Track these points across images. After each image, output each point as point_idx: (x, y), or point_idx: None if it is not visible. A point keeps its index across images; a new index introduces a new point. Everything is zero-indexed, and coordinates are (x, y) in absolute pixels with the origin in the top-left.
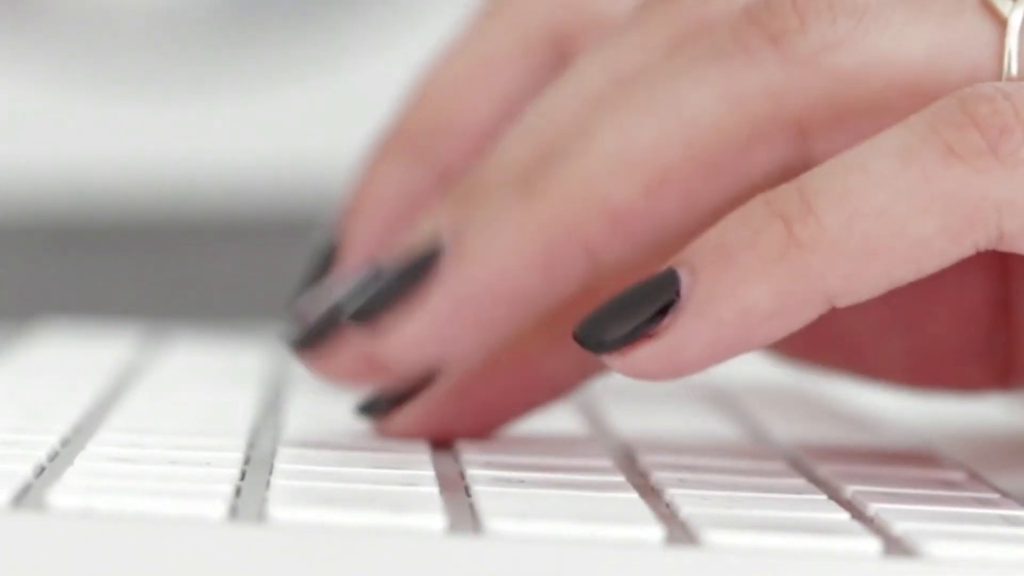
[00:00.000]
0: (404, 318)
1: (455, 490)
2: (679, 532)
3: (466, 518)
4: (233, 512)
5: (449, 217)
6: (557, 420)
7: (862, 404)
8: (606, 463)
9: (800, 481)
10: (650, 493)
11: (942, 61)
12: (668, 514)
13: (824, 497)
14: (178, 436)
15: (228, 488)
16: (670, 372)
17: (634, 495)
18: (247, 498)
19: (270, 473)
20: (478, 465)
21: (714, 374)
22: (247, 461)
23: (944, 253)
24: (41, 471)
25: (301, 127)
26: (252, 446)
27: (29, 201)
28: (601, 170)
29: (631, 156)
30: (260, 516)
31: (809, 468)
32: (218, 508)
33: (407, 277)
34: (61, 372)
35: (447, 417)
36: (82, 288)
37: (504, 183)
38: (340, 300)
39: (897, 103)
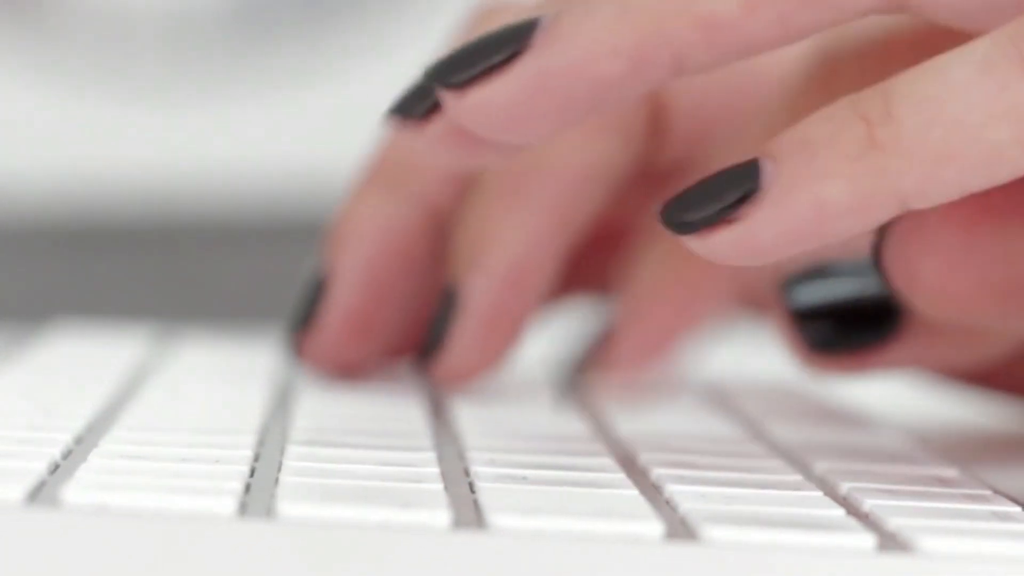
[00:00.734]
0: (490, 82)
1: (460, 486)
2: (679, 528)
3: (470, 514)
4: (243, 508)
5: (552, 5)
6: (559, 419)
7: (857, 403)
8: (607, 460)
9: (797, 478)
10: (650, 490)
11: None
12: (668, 510)
13: (820, 494)
14: (189, 434)
15: (238, 485)
16: (745, 257)
17: (635, 492)
18: (256, 494)
19: (279, 470)
20: (482, 462)
21: (714, 374)
22: (256, 458)
23: (1017, 162)
24: (55, 468)
25: (309, 132)
26: (261, 443)
27: (44, 205)
28: None
29: None
30: (269, 512)
31: (806, 466)
32: (228, 504)
33: (500, 43)
34: (75, 371)
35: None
36: (95, 290)
37: None
38: (432, 64)
39: None
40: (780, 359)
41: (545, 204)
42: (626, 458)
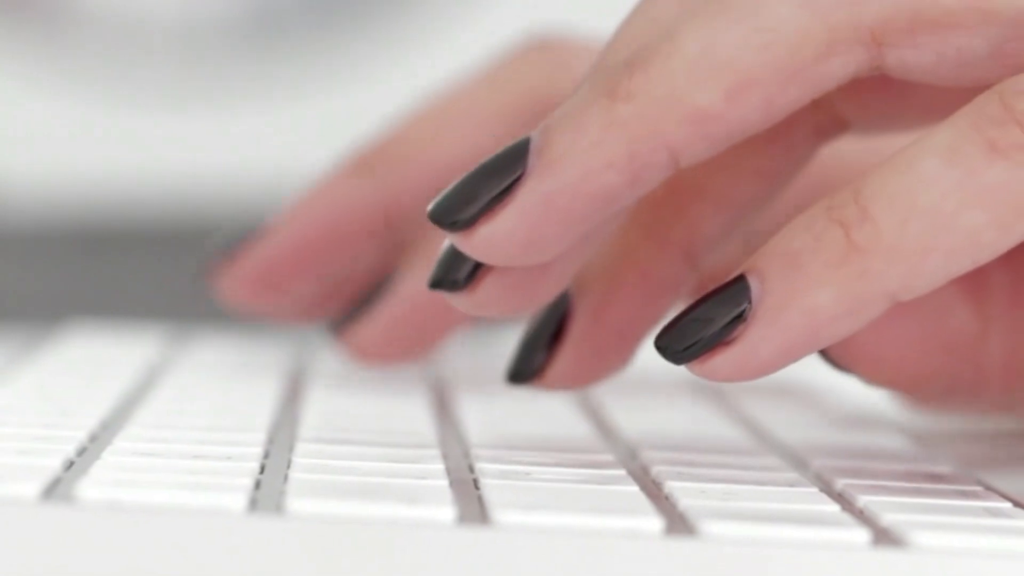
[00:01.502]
0: (495, 216)
1: (464, 483)
2: (678, 523)
3: (475, 510)
4: (253, 504)
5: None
6: (562, 418)
7: (853, 403)
8: (608, 458)
9: (793, 475)
10: (650, 486)
11: None
12: (667, 506)
13: (816, 490)
14: (200, 431)
15: (248, 481)
16: (747, 375)
17: (635, 488)
18: (266, 491)
19: (288, 467)
20: (486, 459)
21: None
22: (266, 455)
23: (996, 243)
24: (70, 465)
25: (316, 137)
26: (271, 441)
27: (58, 209)
28: (684, 75)
29: (713, 62)
30: (279, 508)
31: (802, 463)
32: (239, 500)
33: (498, 172)
34: (89, 371)
35: (595, 352)
36: (109, 291)
37: (591, 86)
38: (436, 204)
39: (966, 20)
40: None
41: None
42: (627, 456)
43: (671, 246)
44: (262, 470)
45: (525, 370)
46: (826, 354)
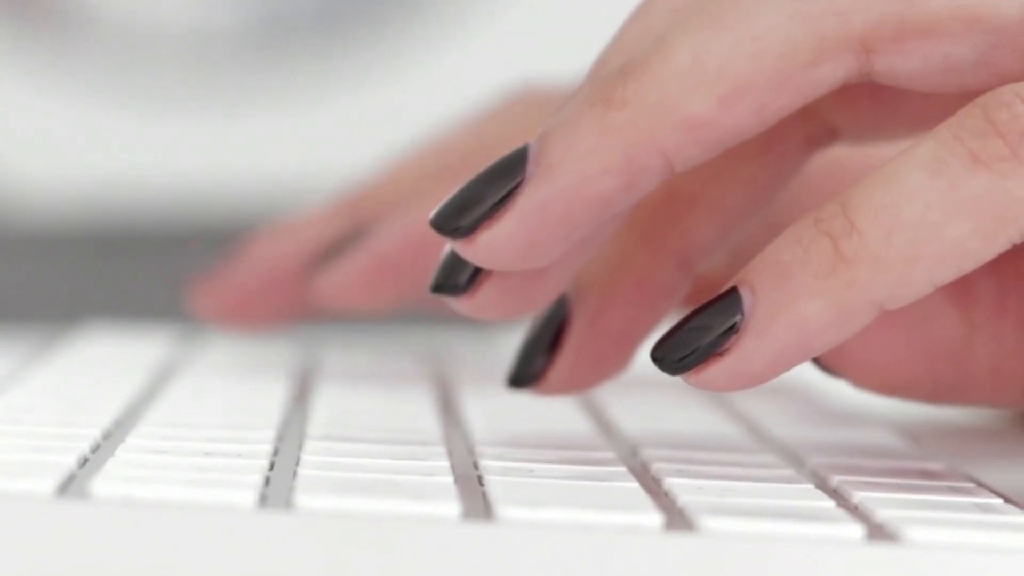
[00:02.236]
0: (495, 222)
1: (469, 480)
2: (677, 519)
3: (479, 506)
4: (263, 500)
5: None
6: (564, 417)
7: (848, 401)
8: (609, 455)
9: (790, 472)
10: (650, 483)
11: None
12: (667, 502)
13: (812, 487)
14: (211, 429)
15: (258, 478)
16: (740, 385)
17: (635, 485)
18: (276, 487)
19: (297, 464)
20: (490, 457)
21: None
22: (276, 453)
23: (980, 252)
24: (84, 462)
25: (324, 142)
26: (280, 439)
27: (73, 212)
28: (677, 83)
29: (705, 70)
30: (288, 504)
31: (798, 460)
32: (249, 497)
33: (496, 180)
34: (102, 370)
35: (593, 357)
36: (122, 293)
37: (587, 94)
38: (437, 212)
39: (954, 28)
40: None
41: None
42: (627, 453)
43: (666, 253)
44: (271, 467)
45: (525, 375)
46: (818, 360)
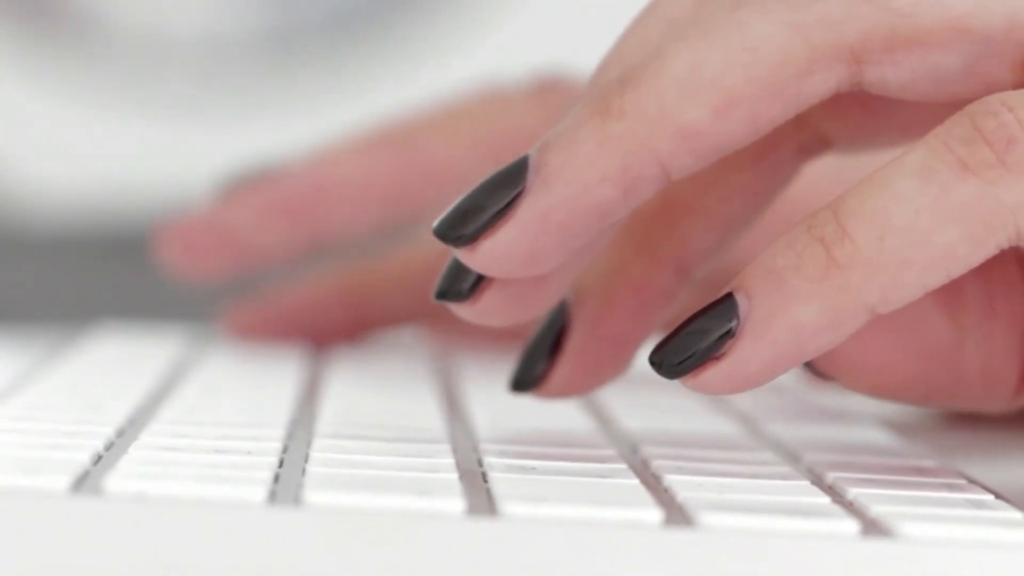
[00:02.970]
0: (497, 230)
1: (473, 476)
2: (676, 515)
3: (483, 502)
4: (272, 496)
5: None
6: (566, 415)
7: (843, 400)
8: (610, 452)
9: (786, 469)
10: (650, 480)
11: (986, 5)
12: (667, 498)
13: (808, 483)
14: (222, 427)
15: (268, 475)
16: (737, 388)
17: (635, 481)
18: (285, 484)
19: (306, 461)
20: (494, 454)
21: None
22: (285, 450)
23: (969, 256)
24: (98, 459)
25: None
26: (290, 436)
27: (89, 216)
28: (673, 93)
29: (700, 80)
30: (297, 500)
31: (794, 458)
32: (259, 493)
33: (498, 189)
34: (116, 370)
35: (593, 362)
36: (135, 294)
37: (585, 105)
38: (440, 221)
39: (943, 38)
40: None
41: None
42: (628, 450)
43: (663, 261)
44: (281, 464)
45: (527, 379)
46: (810, 365)
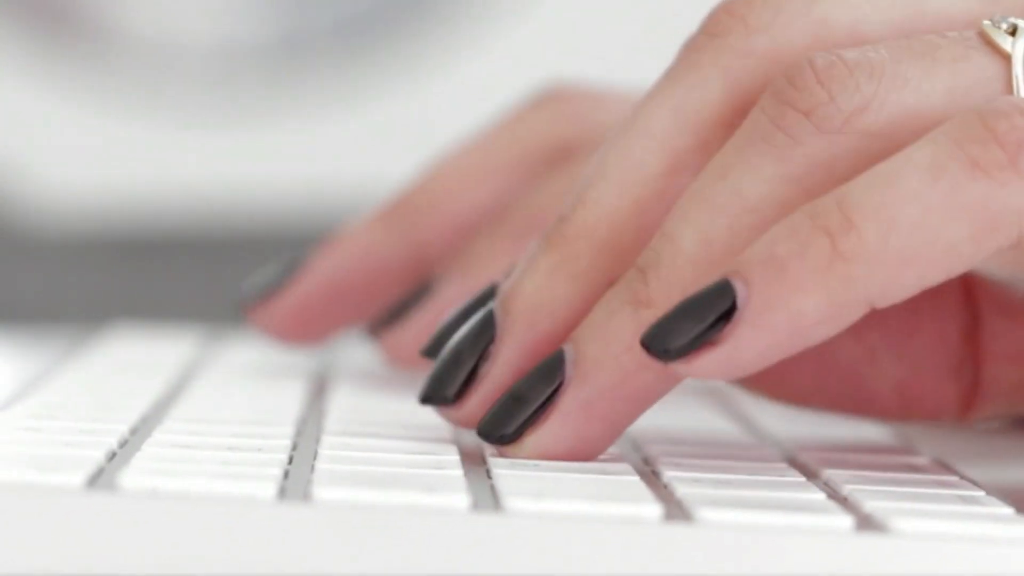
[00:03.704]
0: (540, 426)
1: (478, 473)
2: (675, 510)
3: (488, 498)
4: (282, 492)
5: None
6: None
7: None
8: (611, 450)
9: (783, 465)
10: (650, 476)
11: (960, 102)
12: (666, 494)
13: (803, 479)
14: (233, 425)
15: (278, 471)
16: (730, 374)
17: (636, 478)
18: (294, 480)
19: (315, 458)
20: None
21: None
22: (294, 447)
23: (971, 256)
24: (112, 456)
25: (346, 151)
26: (299, 434)
27: (104, 219)
28: (690, 272)
29: (712, 253)
30: (306, 496)
31: (790, 454)
32: (269, 489)
33: (537, 387)
34: (130, 369)
35: (578, 437)
36: (149, 295)
37: (612, 296)
38: (480, 428)
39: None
40: None
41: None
42: (628, 447)
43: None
44: (290, 461)
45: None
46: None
